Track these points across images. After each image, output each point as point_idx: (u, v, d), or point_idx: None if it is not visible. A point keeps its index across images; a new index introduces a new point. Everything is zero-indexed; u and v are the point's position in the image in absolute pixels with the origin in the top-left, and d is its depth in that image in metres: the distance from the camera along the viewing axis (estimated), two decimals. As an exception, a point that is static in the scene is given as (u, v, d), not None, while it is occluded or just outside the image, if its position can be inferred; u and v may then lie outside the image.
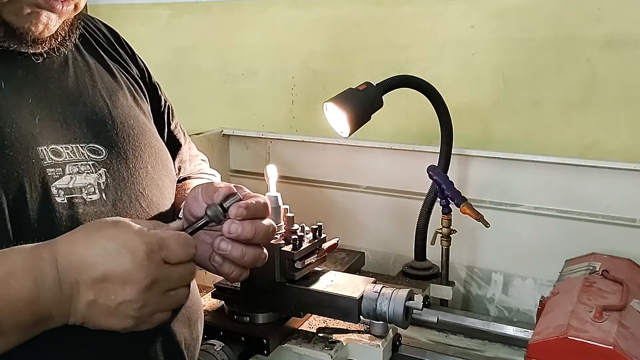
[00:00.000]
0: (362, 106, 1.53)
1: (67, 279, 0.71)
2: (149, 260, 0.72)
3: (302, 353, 1.23)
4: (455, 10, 1.88)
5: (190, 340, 0.96)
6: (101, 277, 0.71)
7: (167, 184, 0.99)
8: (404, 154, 1.85)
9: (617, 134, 1.74)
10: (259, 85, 2.25)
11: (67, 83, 0.91)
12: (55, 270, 0.70)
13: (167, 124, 1.13)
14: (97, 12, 2.42)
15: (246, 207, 0.85)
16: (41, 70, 0.88)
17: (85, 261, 0.71)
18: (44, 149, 0.82)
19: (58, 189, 0.81)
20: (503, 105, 1.86)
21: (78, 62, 0.95)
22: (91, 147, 0.88)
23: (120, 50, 1.06)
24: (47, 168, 0.81)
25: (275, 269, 1.20)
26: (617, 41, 1.69)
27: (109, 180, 0.87)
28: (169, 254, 0.74)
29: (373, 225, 1.94)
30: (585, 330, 1.07)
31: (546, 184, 1.70)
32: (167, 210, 0.97)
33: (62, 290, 0.71)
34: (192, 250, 0.77)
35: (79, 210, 0.82)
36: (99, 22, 1.08)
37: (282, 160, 2.02)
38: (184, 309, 0.95)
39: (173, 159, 1.10)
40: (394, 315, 1.18)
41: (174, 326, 0.92)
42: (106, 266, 0.71)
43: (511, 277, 1.79)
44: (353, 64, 2.05)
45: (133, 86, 1.04)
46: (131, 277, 0.71)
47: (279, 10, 2.16)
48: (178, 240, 0.76)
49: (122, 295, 0.71)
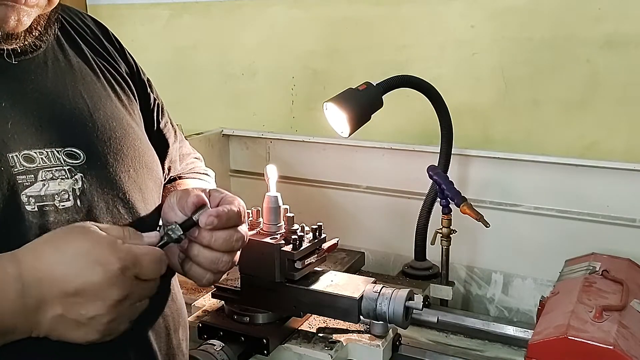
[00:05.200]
0: (362, 106, 1.53)
1: (33, 294, 0.68)
2: (123, 277, 0.70)
3: (302, 353, 1.23)
4: (455, 10, 1.88)
5: (167, 349, 0.94)
6: (72, 292, 0.69)
7: (151, 187, 0.95)
8: (404, 154, 1.85)
9: (617, 134, 1.74)
10: (259, 85, 2.25)
11: (45, 84, 0.87)
12: (20, 284, 0.68)
13: (155, 121, 1.09)
14: (97, 12, 2.42)
15: (217, 215, 0.83)
16: (17, 72, 0.84)
17: (53, 275, 0.69)
18: (14, 155, 0.79)
19: (28, 196, 0.78)
20: (503, 105, 1.86)
21: (59, 62, 0.91)
22: (68, 152, 0.84)
23: (107, 46, 1.02)
24: (18, 175, 0.78)
25: (275, 269, 1.20)
26: (617, 41, 1.69)
27: (85, 186, 0.83)
28: (142, 272, 0.73)
29: (373, 225, 1.94)
30: (585, 330, 1.07)
31: (546, 184, 1.70)
32: (151, 214, 0.93)
33: (27, 304, 0.68)
34: (164, 268, 0.76)
35: (50, 219, 0.79)
36: (87, 16, 1.03)
37: (282, 160, 2.02)
38: (161, 318, 0.93)
39: (162, 158, 1.07)
40: (394, 315, 1.18)
41: (149, 336, 0.89)
42: (78, 281, 0.69)
43: (511, 277, 1.79)
44: (353, 64, 2.05)
45: (119, 84, 0.99)
46: (103, 293, 0.70)
47: (279, 10, 2.16)
48: (152, 258, 0.74)
49: (93, 310, 0.70)
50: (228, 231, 0.85)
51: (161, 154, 1.07)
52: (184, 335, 1.00)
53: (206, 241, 0.84)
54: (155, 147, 1.03)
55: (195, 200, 0.85)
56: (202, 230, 0.84)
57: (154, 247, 0.78)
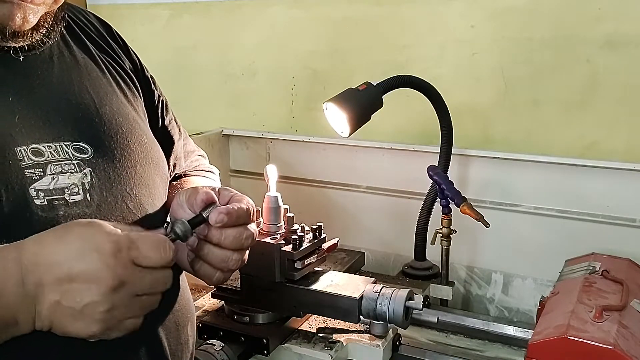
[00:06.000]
0: (362, 106, 1.53)
1: (31, 279, 0.68)
2: (116, 259, 0.68)
3: (302, 353, 1.23)
4: (455, 10, 1.88)
5: (177, 346, 0.93)
6: (66, 277, 0.67)
7: (157, 183, 0.95)
8: (404, 154, 1.85)
9: (617, 134, 1.74)
10: (259, 85, 2.25)
11: (51, 79, 0.88)
12: (19, 269, 0.68)
13: (160, 118, 1.09)
14: (97, 12, 2.39)
15: (227, 213, 0.82)
16: (24, 67, 0.85)
17: (50, 260, 0.68)
18: (23, 149, 0.79)
19: (37, 190, 0.78)
20: (503, 105, 1.86)
21: (64, 57, 0.92)
22: (76, 146, 0.84)
23: (112, 43, 1.02)
24: (26, 169, 0.78)
25: (275, 269, 1.20)
26: (617, 41, 1.69)
27: (94, 180, 0.83)
28: (139, 256, 0.70)
29: (373, 225, 1.94)
30: (585, 330, 1.07)
31: (546, 184, 1.70)
32: (158, 211, 0.93)
33: (26, 291, 0.68)
34: (168, 254, 0.72)
35: (60, 213, 0.79)
36: (90, 14, 1.04)
37: (282, 160, 2.02)
38: (171, 313, 0.92)
39: (167, 156, 1.07)
40: (394, 315, 1.18)
41: (159, 331, 0.89)
42: (70, 265, 0.67)
43: (511, 277, 1.79)
44: (353, 64, 2.05)
45: (124, 81, 1.00)
46: (96, 276, 0.68)
47: (279, 10, 2.16)
48: (151, 242, 0.71)
49: (88, 296, 0.68)
50: (238, 229, 0.85)
51: (166, 151, 1.07)
52: (192, 331, 1.00)
53: (216, 239, 0.83)
54: (160, 144, 1.02)
55: (204, 197, 0.85)
56: (212, 228, 0.83)
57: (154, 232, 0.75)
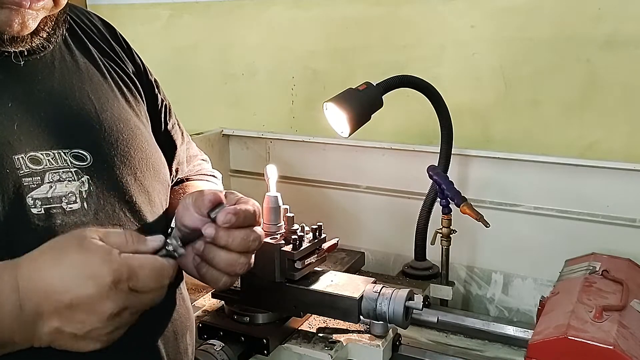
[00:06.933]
0: (362, 106, 1.53)
1: (29, 306, 0.66)
2: (116, 290, 0.67)
3: (302, 353, 1.23)
4: (455, 10, 1.88)
5: (176, 355, 0.93)
6: (66, 306, 0.66)
7: (158, 190, 0.94)
8: (404, 154, 1.85)
9: (617, 134, 1.74)
10: (259, 85, 2.25)
11: (51, 85, 0.87)
12: (16, 294, 0.66)
13: (163, 123, 1.09)
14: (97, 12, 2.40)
15: (235, 213, 0.81)
16: (24, 73, 0.84)
17: (47, 288, 0.66)
18: (20, 157, 0.78)
19: (35, 199, 0.77)
20: (503, 105, 1.86)
21: (66, 63, 0.90)
22: (75, 153, 0.84)
23: (115, 46, 1.01)
24: (23, 177, 0.77)
25: (275, 269, 1.20)
26: (617, 41, 1.69)
27: (92, 188, 0.83)
28: (137, 285, 0.69)
29: (373, 225, 1.94)
30: (585, 330, 1.07)
31: (546, 184, 1.70)
32: (158, 218, 0.93)
33: (24, 316, 0.66)
34: (166, 280, 0.72)
35: (57, 222, 0.78)
36: (94, 16, 1.03)
37: (282, 160, 2.02)
38: (170, 322, 0.92)
39: (170, 160, 1.07)
40: (394, 315, 1.18)
41: (157, 341, 0.88)
42: (71, 294, 0.66)
43: (511, 277, 1.79)
44: (353, 64, 2.05)
45: (127, 85, 0.99)
46: (97, 307, 0.67)
47: (279, 10, 2.16)
48: (150, 270, 0.70)
49: (90, 323, 0.67)
50: (245, 231, 0.83)
51: (169, 155, 1.06)
52: (190, 340, 1.00)
53: (223, 242, 0.82)
54: (163, 148, 1.02)
55: (212, 198, 0.83)
56: (219, 230, 0.82)
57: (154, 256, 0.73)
